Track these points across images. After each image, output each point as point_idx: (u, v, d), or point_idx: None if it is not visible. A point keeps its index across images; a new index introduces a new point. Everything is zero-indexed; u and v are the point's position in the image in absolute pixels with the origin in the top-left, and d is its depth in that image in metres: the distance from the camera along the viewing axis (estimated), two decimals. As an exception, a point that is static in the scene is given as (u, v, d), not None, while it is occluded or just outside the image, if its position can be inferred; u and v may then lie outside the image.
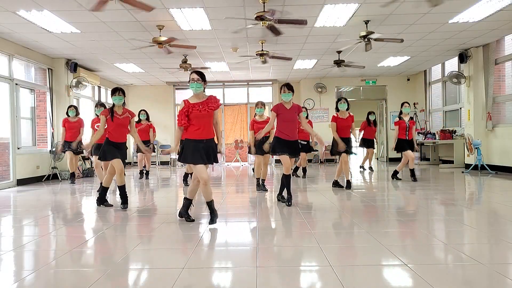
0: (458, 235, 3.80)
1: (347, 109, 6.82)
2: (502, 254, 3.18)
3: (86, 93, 11.78)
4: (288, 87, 5.27)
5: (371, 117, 10.33)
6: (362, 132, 10.61)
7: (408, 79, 14.22)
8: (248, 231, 4.16)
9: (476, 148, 9.44)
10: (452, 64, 11.75)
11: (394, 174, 8.26)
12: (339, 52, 10.00)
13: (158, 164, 14.39)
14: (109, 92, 14.87)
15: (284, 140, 5.27)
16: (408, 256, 3.11)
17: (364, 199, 5.90)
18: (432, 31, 8.44)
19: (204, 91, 4.29)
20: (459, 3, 6.82)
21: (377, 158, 15.04)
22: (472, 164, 9.72)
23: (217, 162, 4.38)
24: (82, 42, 8.66)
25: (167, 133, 14.33)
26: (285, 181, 5.43)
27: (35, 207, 5.90)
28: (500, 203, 5.46)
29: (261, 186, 6.91)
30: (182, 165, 14.14)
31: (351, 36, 8.30)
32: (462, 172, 9.66)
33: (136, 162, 12.49)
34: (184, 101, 4.24)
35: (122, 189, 5.40)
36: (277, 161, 13.79)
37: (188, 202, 4.49)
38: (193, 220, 4.43)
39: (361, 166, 10.96)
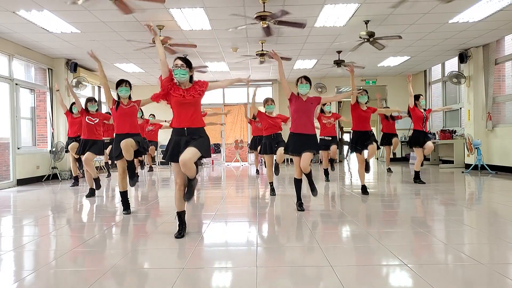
0: (458, 235, 3.80)
1: (366, 103, 6.36)
2: (502, 254, 3.18)
3: (86, 93, 11.77)
4: (306, 78, 4.88)
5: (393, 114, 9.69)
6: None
7: (408, 79, 14.21)
8: (248, 231, 4.16)
9: (476, 148, 9.44)
10: (452, 64, 11.75)
11: (417, 177, 7.56)
12: (339, 52, 10.01)
13: (158, 164, 14.39)
14: (109, 92, 14.77)
15: (298, 135, 4.87)
16: (408, 256, 3.11)
17: (364, 200, 5.89)
18: (432, 31, 8.44)
19: (190, 80, 3.81)
20: (459, 3, 6.81)
21: (377, 158, 15.04)
22: (472, 164, 9.72)
23: (208, 156, 3.74)
24: (82, 42, 8.66)
25: (167, 133, 14.33)
26: (295, 185, 5.04)
27: (35, 207, 5.91)
28: (500, 203, 5.46)
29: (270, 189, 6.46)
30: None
31: (351, 36, 8.31)
32: (462, 172, 9.65)
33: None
34: (171, 71, 3.71)
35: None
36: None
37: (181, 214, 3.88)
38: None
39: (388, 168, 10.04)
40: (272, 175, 6.51)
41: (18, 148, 8.71)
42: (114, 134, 5.07)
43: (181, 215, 3.88)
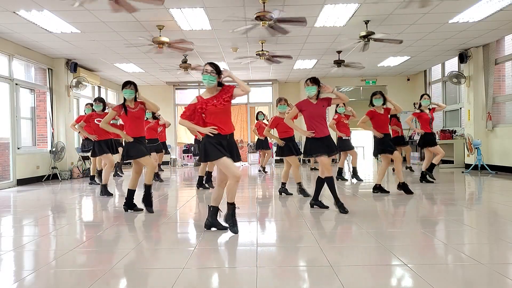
0: (458, 235, 3.80)
1: (383, 104, 6.14)
2: (502, 254, 3.18)
3: (86, 93, 11.78)
4: (313, 80, 4.85)
5: (398, 114, 9.45)
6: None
7: (408, 79, 14.23)
8: (248, 231, 4.15)
9: (476, 148, 9.44)
10: (452, 64, 11.75)
11: (424, 176, 7.55)
12: (339, 52, 10.01)
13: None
14: (109, 92, 14.83)
15: (317, 138, 4.85)
16: (408, 256, 3.11)
17: (363, 199, 5.89)
18: (432, 31, 8.44)
19: (219, 84, 3.84)
20: (459, 3, 6.82)
21: (377, 159, 15.02)
22: (472, 164, 9.72)
23: (240, 160, 3.91)
24: (82, 42, 8.66)
25: (167, 133, 14.30)
26: (329, 185, 4.88)
27: (35, 207, 5.91)
28: (500, 203, 5.46)
29: (296, 190, 6.25)
30: (182, 165, 14.13)
31: (351, 36, 8.30)
32: (462, 172, 9.65)
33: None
34: (197, 97, 3.82)
35: (149, 189, 5.07)
36: (277, 161, 13.78)
37: (216, 210, 4.02)
38: (226, 228, 4.00)
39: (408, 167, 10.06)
40: (300, 177, 6.22)
41: (18, 148, 8.71)
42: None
43: (218, 209, 4.00)
